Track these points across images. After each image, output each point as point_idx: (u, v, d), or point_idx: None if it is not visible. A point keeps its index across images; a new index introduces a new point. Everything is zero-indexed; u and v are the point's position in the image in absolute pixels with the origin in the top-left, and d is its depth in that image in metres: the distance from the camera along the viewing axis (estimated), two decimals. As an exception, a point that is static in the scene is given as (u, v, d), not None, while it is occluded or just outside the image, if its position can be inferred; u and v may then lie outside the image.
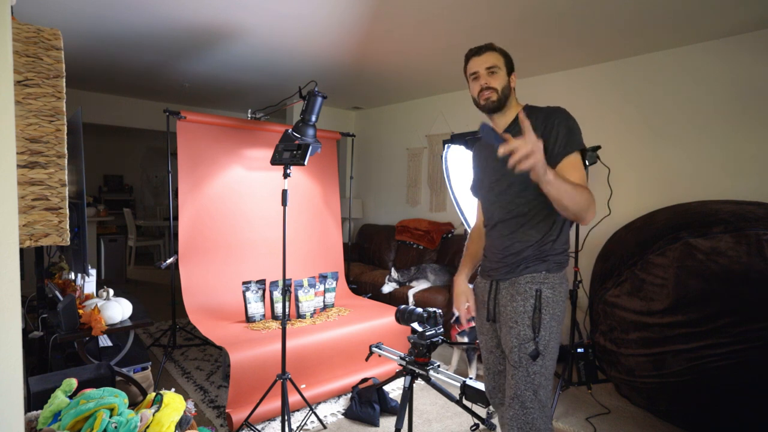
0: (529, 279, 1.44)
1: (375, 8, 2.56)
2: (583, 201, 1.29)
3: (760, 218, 2.13)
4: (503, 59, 1.50)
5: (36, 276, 2.78)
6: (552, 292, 1.42)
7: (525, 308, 1.43)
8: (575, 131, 1.40)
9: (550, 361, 1.43)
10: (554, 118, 1.42)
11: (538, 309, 1.41)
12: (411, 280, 4.16)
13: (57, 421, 1.51)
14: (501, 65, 1.49)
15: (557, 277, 1.44)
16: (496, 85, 1.49)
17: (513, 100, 1.53)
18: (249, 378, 2.47)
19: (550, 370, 1.43)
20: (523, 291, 1.44)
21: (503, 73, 1.49)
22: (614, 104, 3.42)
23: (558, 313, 1.43)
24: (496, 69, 1.48)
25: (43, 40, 1.36)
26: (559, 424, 2.52)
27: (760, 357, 1.95)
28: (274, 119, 5.75)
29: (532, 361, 1.40)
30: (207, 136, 3.40)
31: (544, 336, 1.41)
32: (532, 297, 1.42)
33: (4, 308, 0.89)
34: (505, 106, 1.51)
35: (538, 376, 1.41)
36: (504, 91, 1.49)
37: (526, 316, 1.42)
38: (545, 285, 1.42)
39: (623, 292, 2.38)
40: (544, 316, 1.41)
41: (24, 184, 1.32)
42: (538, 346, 1.40)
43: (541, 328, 1.40)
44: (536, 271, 1.43)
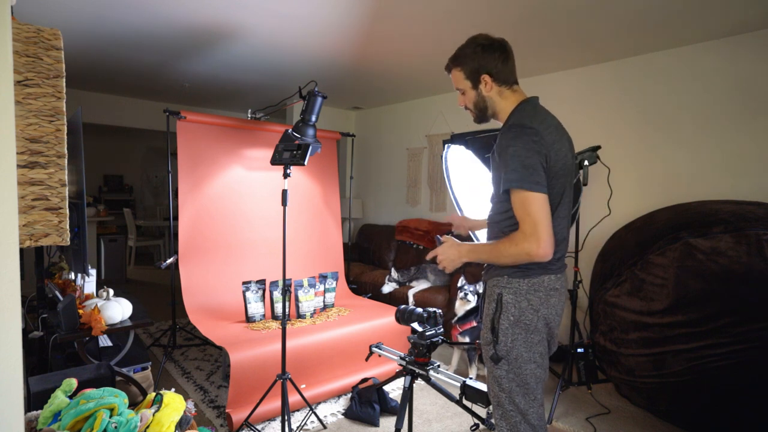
0: (494, 282, 1.41)
1: (375, 8, 2.57)
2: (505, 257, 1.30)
3: (760, 218, 2.13)
4: (462, 74, 1.43)
5: (36, 276, 2.78)
6: (514, 297, 1.36)
7: (488, 311, 1.42)
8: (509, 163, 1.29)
9: (520, 369, 1.35)
10: (498, 144, 1.35)
11: (498, 313, 1.37)
12: (411, 280, 4.16)
13: (57, 421, 1.51)
14: (463, 83, 1.44)
15: (524, 284, 1.36)
16: (467, 103, 1.48)
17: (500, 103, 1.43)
18: (249, 378, 2.47)
19: (524, 377, 1.36)
20: (489, 294, 1.43)
21: (468, 89, 1.44)
22: (614, 104, 3.42)
23: (524, 321, 1.35)
24: (461, 89, 1.46)
25: (43, 40, 1.36)
26: (559, 424, 2.52)
27: (760, 357, 1.95)
28: (274, 119, 5.75)
29: (494, 364, 1.38)
30: (207, 136, 3.40)
31: (504, 341, 1.36)
32: (494, 300, 1.40)
33: (4, 308, 0.89)
34: (490, 116, 1.47)
35: (506, 381, 1.37)
36: (477, 105, 1.45)
37: (488, 318, 1.41)
38: (506, 289, 1.37)
39: (623, 292, 2.38)
40: (503, 322, 1.36)
41: (24, 184, 1.32)
42: (497, 351, 1.36)
43: (499, 333, 1.36)
44: (500, 275, 1.40)
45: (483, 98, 1.43)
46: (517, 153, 1.28)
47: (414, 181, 5.14)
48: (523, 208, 1.27)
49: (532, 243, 1.24)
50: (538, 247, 1.24)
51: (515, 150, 1.28)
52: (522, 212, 1.28)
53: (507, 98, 1.43)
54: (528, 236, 1.25)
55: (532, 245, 1.24)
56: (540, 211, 1.26)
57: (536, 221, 1.25)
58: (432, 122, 4.90)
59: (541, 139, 1.30)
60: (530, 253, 1.25)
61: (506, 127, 1.36)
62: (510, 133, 1.32)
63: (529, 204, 1.26)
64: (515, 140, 1.30)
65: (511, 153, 1.29)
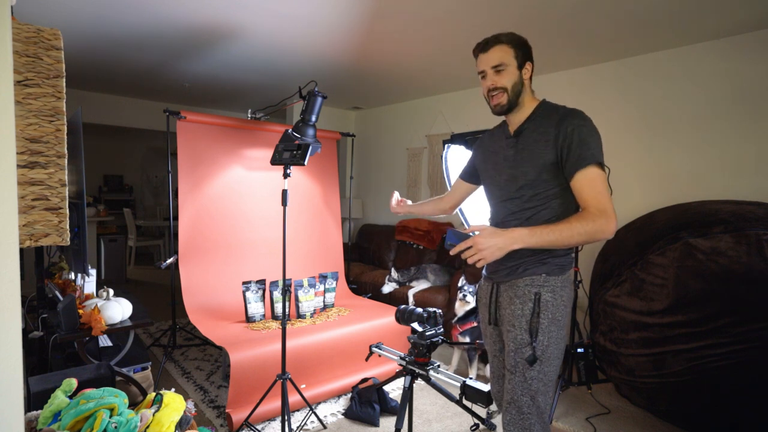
0: (529, 282, 1.39)
1: (375, 8, 2.57)
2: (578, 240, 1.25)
3: (760, 218, 2.13)
4: (513, 51, 1.38)
5: (36, 276, 2.78)
6: (552, 295, 1.36)
7: (523, 311, 1.38)
8: (589, 141, 1.30)
9: (550, 366, 1.37)
10: (567, 124, 1.32)
11: (537, 313, 1.36)
12: (411, 280, 4.16)
13: (57, 421, 1.51)
14: (509, 60, 1.38)
15: (559, 281, 1.38)
16: (504, 83, 1.39)
17: (527, 95, 1.43)
18: (249, 378, 2.47)
19: (550, 376, 1.37)
20: (522, 294, 1.39)
21: (512, 68, 1.38)
22: (614, 104, 3.42)
23: (559, 318, 1.37)
24: (503, 66, 1.38)
25: (43, 40, 1.36)
26: (559, 424, 2.52)
27: (760, 357, 1.95)
28: (274, 119, 5.75)
29: (529, 366, 1.35)
30: (207, 136, 3.40)
31: (542, 341, 1.35)
32: (530, 300, 1.37)
33: (4, 308, 0.89)
34: (517, 104, 1.42)
35: (536, 382, 1.36)
36: (515, 88, 1.39)
37: (523, 319, 1.38)
38: (545, 288, 1.37)
39: (623, 292, 2.38)
40: (542, 320, 1.35)
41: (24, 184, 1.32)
42: (535, 351, 1.35)
43: (539, 332, 1.35)
44: (535, 273, 1.38)
45: (522, 82, 1.41)
46: (591, 133, 1.32)
47: (414, 181, 5.14)
48: (597, 185, 1.28)
49: (608, 218, 1.25)
50: (613, 223, 1.25)
51: (590, 129, 1.32)
52: (595, 190, 1.28)
53: (529, 92, 1.45)
54: (603, 213, 1.25)
55: (609, 221, 1.25)
56: (608, 190, 1.31)
57: (608, 198, 1.28)
58: (432, 122, 4.90)
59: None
60: (605, 229, 1.25)
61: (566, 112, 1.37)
62: (578, 115, 1.34)
63: (602, 182, 1.29)
64: (586, 120, 1.33)
65: (587, 131, 1.31)
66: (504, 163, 1.47)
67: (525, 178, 1.40)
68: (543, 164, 1.36)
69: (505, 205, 1.47)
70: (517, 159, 1.43)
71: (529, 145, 1.40)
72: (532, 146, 1.39)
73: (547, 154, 1.35)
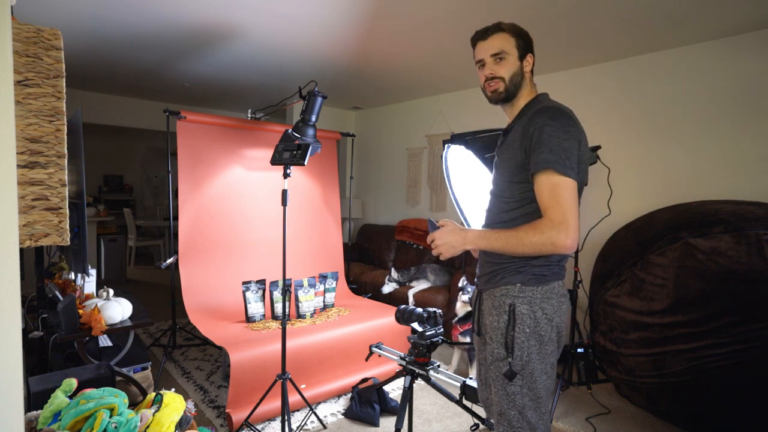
0: (504, 292, 1.30)
1: (375, 8, 2.56)
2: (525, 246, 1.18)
3: (760, 218, 2.13)
4: (514, 41, 1.32)
5: (36, 276, 2.78)
6: (529, 308, 1.26)
7: (498, 324, 1.30)
8: (548, 143, 1.19)
9: (534, 383, 1.26)
10: (532, 123, 1.24)
11: (512, 326, 1.26)
12: (411, 280, 4.16)
13: (57, 421, 1.51)
14: (510, 49, 1.31)
15: (538, 291, 1.26)
16: (503, 73, 1.32)
17: (526, 87, 1.36)
18: (249, 378, 2.47)
19: (537, 391, 1.27)
20: (498, 305, 1.31)
21: (513, 58, 1.32)
22: (614, 104, 3.42)
23: (541, 333, 1.25)
24: (503, 55, 1.31)
25: (43, 40, 1.36)
26: (559, 424, 2.52)
27: (760, 357, 1.95)
28: (274, 119, 5.75)
29: (508, 381, 1.27)
30: (207, 136, 3.40)
31: (520, 356, 1.25)
32: (505, 312, 1.28)
33: (4, 308, 0.89)
34: (516, 95, 1.35)
35: (520, 397, 1.27)
36: (513, 79, 1.32)
37: (499, 332, 1.29)
38: (519, 299, 1.26)
39: (623, 292, 2.38)
40: (518, 334, 1.25)
41: (24, 184, 1.32)
42: (512, 367, 1.26)
43: (515, 347, 1.25)
44: (510, 283, 1.28)
45: (522, 73, 1.34)
46: (554, 133, 1.19)
47: (414, 181, 5.14)
48: (554, 194, 1.17)
49: (561, 232, 1.14)
50: (567, 237, 1.14)
51: (552, 130, 1.20)
52: (551, 198, 1.17)
53: (529, 86, 1.38)
54: (556, 224, 1.15)
55: (561, 234, 1.14)
56: (571, 199, 1.17)
57: (566, 209, 1.15)
58: (432, 122, 4.90)
59: (576, 125, 1.24)
60: (556, 243, 1.15)
61: (538, 109, 1.27)
62: (546, 113, 1.24)
63: (561, 189, 1.17)
64: (553, 120, 1.21)
65: (548, 132, 1.19)
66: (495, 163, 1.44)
67: (502, 179, 1.35)
68: (515, 166, 1.29)
69: (491, 204, 1.42)
70: (500, 160, 1.38)
71: (509, 146, 1.34)
72: (510, 147, 1.33)
73: (519, 155, 1.27)
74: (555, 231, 1.15)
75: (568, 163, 1.18)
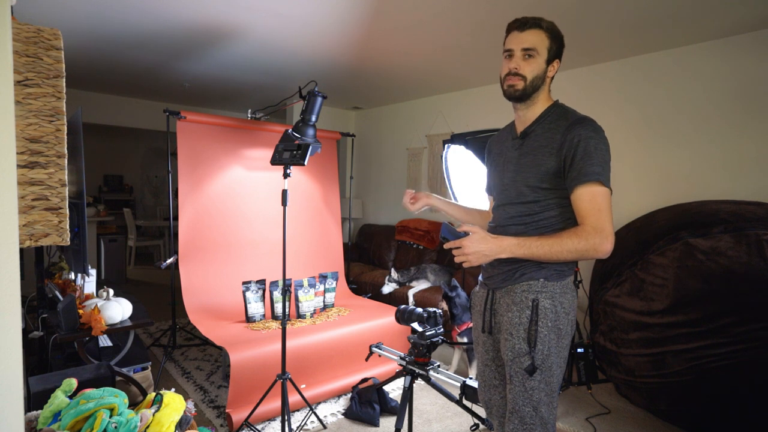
0: (526, 288, 1.32)
1: (375, 8, 2.56)
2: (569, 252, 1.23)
3: (760, 218, 2.13)
4: (548, 42, 1.33)
5: (36, 276, 2.78)
6: (551, 302, 1.30)
7: (520, 319, 1.32)
8: (593, 156, 1.24)
9: (551, 376, 1.30)
10: (573, 134, 1.27)
11: (535, 320, 1.29)
12: (411, 280, 4.16)
13: (57, 421, 1.51)
14: (542, 48, 1.32)
15: (558, 286, 1.31)
16: (526, 72, 1.32)
17: (544, 92, 1.37)
18: (249, 378, 2.47)
19: (552, 385, 1.31)
20: (519, 301, 1.33)
21: (542, 59, 1.32)
22: (614, 104, 3.42)
23: (560, 326, 1.30)
24: (533, 53, 1.31)
25: (43, 40, 1.36)
26: (559, 424, 2.52)
27: (760, 357, 1.95)
28: (274, 119, 5.75)
29: (529, 376, 1.29)
30: (207, 136, 3.40)
31: (542, 350, 1.29)
32: (527, 307, 1.31)
33: (4, 308, 0.89)
34: (531, 97, 1.36)
35: (537, 392, 1.29)
36: (535, 81, 1.33)
37: (521, 327, 1.31)
38: (543, 294, 1.30)
39: (623, 292, 2.38)
40: (541, 329, 1.29)
41: (24, 184, 1.32)
42: (534, 361, 1.28)
43: (537, 341, 1.28)
44: (533, 279, 1.31)
45: (544, 77, 1.36)
46: (599, 146, 1.26)
47: (414, 181, 5.13)
48: (597, 203, 1.24)
49: (604, 238, 1.22)
50: (608, 242, 1.22)
51: (597, 143, 1.26)
52: (594, 206, 1.24)
53: (546, 91, 1.40)
54: (599, 231, 1.22)
55: (604, 240, 1.22)
56: (609, 208, 1.26)
57: (607, 217, 1.24)
58: (432, 122, 4.89)
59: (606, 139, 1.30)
60: (598, 249, 1.22)
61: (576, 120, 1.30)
62: (589, 125, 1.28)
63: (602, 198, 1.25)
64: (595, 133, 1.27)
65: (594, 145, 1.25)
66: (506, 166, 1.43)
67: (525, 184, 1.35)
68: (545, 172, 1.31)
69: (505, 209, 1.42)
70: (520, 163, 1.38)
71: (534, 150, 1.35)
72: (536, 151, 1.34)
73: (550, 162, 1.30)
74: (598, 238, 1.22)
75: (608, 175, 1.27)
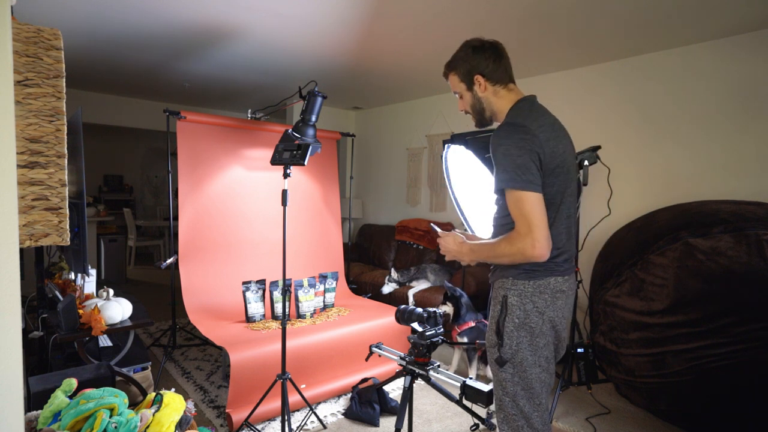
0: (499, 285, 1.40)
1: (375, 8, 2.56)
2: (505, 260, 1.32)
3: (760, 218, 2.13)
4: (458, 77, 1.45)
5: (36, 276, 2.78)
6: (519, 299, 1.34)
7: (494, 313, 1.41)
8: (502, 163, 1.29)
9: (525, 372, 1.34)
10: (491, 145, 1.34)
11: (504, 315, 1.36)
12: (411, 280, 4.16)
13: (57, 421, 1.51)
14: (460, 87, 1.46)
15: (529, 285, 1.34)
16: (467, 107, 1.48)
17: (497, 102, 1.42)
18: (249, 378, 2.47)
19: (528, 381, 1.34)
20: (495, 296, 1.42)
21: (467, 93, 1.45)
22: (614, 104, 3.42)
23: (531, 325, 1.33)
24: (459, 93, 1.48)
25: (43, 40, 1.36)
26: (559, 424, 2.52)
27: (760, 357, 1.95)
28: (274, 119, 5.75)
29: (499, 367, 1.37)
30: (207, 136, 3.40)
31: (509, 344, 1.34)
32: (499, 303, 1.38)
33: (4, 308, 0.89)
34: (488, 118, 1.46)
35: (510, 385, 1.35)
36: (474, 107, 1.45)
37: (493, 321, 1.40)
38: (511, 291, 1.36)
39: (623, 292, 2.38)
40: (508, 324, 1.34)
41: (24, 184, 1.32)
42: (502, 354, 1.35)
43: (504, 335, 1.35)
44: (504, 276, 1.38)
45: (479, 99, 1.44)
46: (508, 152, 1.28)
47: (414, 181, 5.14)
48: (517, 208, 1.27)
49: (527, 242, 1.24)
50: (533, 247, 1.23)
51: (506, 149, 1.28)
52: (516, 212, 1.27)
53: (503, 97, 1.42)
54: (523, 236, 1.25)
55: (527, 245, 1.24)
56: (534, 211, 1.25)
57: (530, 221, 1.24)
58: (432, 122, 4.90)
59: (533, 137, 1.28)
60: (525, 253, 1.25)
61: (496, 129, 1.35)
62: (501, 132, 1.32)
63: (522, 203, 1.26)
64: (506, 139, 1.30)
65: (502, 152, 1.29)
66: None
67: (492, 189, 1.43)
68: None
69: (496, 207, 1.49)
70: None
71: None
72: None
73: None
74: (522, 242, 1.25)
75: (525, 177, 1.26)
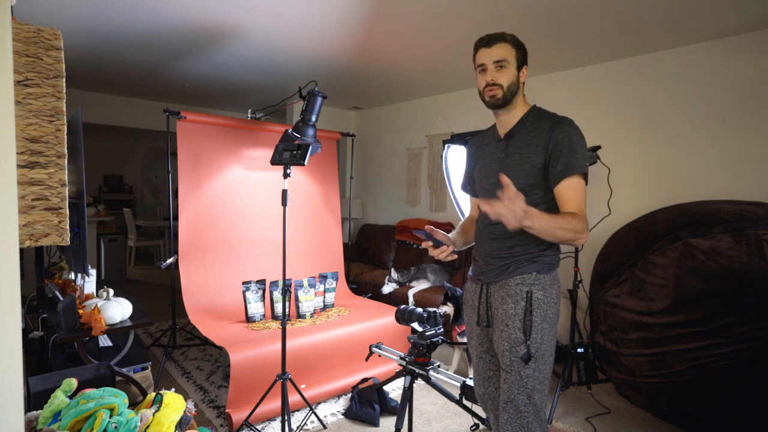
0: (520, 281, 1.41)
1: (375, 8, 2.57)
2: (566, 236, 1.31)
3: (760, 218, 2.13)
4: (515, 51, 1.43)
5: (36, 276, 2.78)
6: (543, 293, 1.39)
7: (516, 311, 1.40)
8: (577, 150, 1.36)
9: (544, 364, 1.40)
10: (558, 131, 1.37)
11: (529, 311, 1.38)
12: (411, 280, 4.16)
13: (57, 421, 1.51)
14: (511, 58, 1.42)
15: (548, 278, 1.41)
16: (502, 81, 1.42)
17: (520, 97, 1.48)
18: (249, 378, 2.47)
19: (544, 373, 1.40)
20: (514, 293, 1.41)
21: (512, 67, 1.43)
22: (614, 104, 3.42)
23: (550, 315, 1.40)
24: (504, 63, 1.42)
25: (43, 40, 1.36)
26: (559, 424, 2.52)
27: (760, 357, 1.95)
28: (274, 119, 5.74)
29: (524, 364, 1.38)
30: (207, 136, 3.40)
31: (536, 339, 1.38)
32: (522, 299, 1.39)
33: (4, 308, 0.89)
34: (511, 103, 1.46)
35: (531, 380, 1.38)
36: (511, 87, 1.43)
37: (516, 318, 1.40)
38: (536, 286, 1.39)
39: (623, 292, 2.38)
40: (535, 319, 1.38)
41: (24, 184, 1.32)
42: (530, 350, 1.37)
43: (532, 330, 1.38)
44: (526, 272, 1.41)
45: (518, 83, 1.46)
46: (581, 143, 1.38)
47: (414, 181, 5.14)
48: (581, 194, 1.36)
49: (586, 226, 1.33)
50: (586, 231, 1.33)
51: (579, 140, 1.38)
52: (578, 197, 1.35)
53: (522, 96, 1.50)
54: (584, 220, 1.33)
55: (586, 228, 1.33)
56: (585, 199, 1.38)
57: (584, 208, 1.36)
58: (432, 122, 4.90)
59: None
60: (584, 234, 1.32)
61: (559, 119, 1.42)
62: (569, 123, 1.40)
63: (583, 190, 1.37)
64: (578, 130, 1.39)
65: (577, 141, 1.37)
66: (493, 167, 1.50)
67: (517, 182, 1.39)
68: (532, 167, 1.40)
69: None
70: (506, 162, 1.46)
71: (520, 149, 1.44)
72: (522, 150, 1.43)
73: (537, 158, 1.40)
74: (584, 225, 1.33)
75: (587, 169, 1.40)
